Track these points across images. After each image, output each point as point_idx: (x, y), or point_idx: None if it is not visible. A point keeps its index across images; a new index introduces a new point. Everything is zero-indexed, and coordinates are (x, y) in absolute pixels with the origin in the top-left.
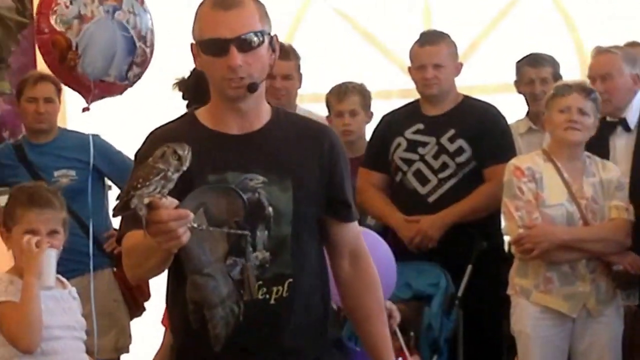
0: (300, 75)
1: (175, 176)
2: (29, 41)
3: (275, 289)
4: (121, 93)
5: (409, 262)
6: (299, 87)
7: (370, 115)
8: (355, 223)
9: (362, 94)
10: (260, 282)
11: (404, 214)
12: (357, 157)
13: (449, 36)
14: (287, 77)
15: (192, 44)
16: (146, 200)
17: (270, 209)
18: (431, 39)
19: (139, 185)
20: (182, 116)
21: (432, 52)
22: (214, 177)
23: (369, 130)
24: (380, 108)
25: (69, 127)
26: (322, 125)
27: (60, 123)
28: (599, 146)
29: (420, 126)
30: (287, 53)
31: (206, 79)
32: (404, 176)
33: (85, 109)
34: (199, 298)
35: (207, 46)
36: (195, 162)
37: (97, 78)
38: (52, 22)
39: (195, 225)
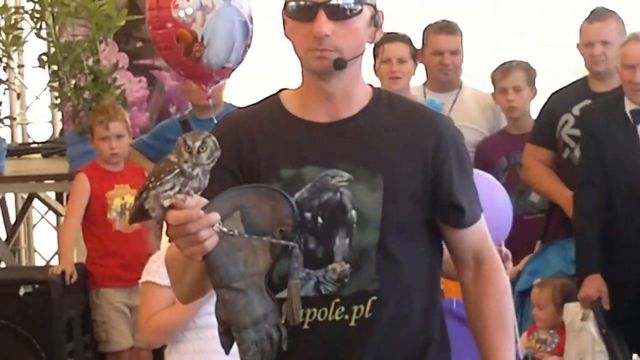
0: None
1: (198, 171)
2: None
3: (356, 308)
4: (230, 75)
5: None
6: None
7: (535, 92)
8: (477, 226)
9: (526, 70)
10: (338, 300)
11: (570, 190)
12: (522, 134)
13: (617, 13)
14: (455, 52)
15: (282, 10)
16: (166, 202)
17: (354, 212)
18: (600, 15)
19: (150, 185)
20: (266, 98)
21: (600, 28)
22: (289, 172)
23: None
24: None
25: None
26: (432, 113)
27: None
28: None
29: (588, 102)
30: (453, 28)
31: None
32: (571, 153)
33: (209, 97)
34: (226, 317)
35: (293, 9)
36: (269, 153)
37: (220, 66)
38: (176, 16)
39: (224, 229)
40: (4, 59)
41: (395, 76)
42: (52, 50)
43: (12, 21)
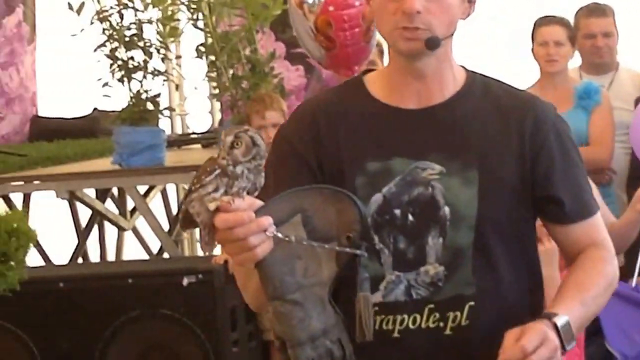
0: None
1: (242, 169)
2: None
3: (452, 314)
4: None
5: None
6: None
7: None
8: (588, 223)
9: None
10: (432, 306)
11: None
12: None
13: None
14: (607, 34)
15: None
16: (211, 205)
17: (447, 209)
18: None
19: (193, 188)
20: (348, 81)
21: None
22: (375, 165)
23: None
24: None
25: None
26: (530, 97)
27: None
28: None
29: None
30: (604, 10)
31: None
32: None
33: None
34: (281, 331)
35: None
36: (353, 143)
37: (372, 48)
38: None
39: (279, 235)
40: (162, 51)
41: (552, 59)
42: (210, 40)
43: (169, 13)
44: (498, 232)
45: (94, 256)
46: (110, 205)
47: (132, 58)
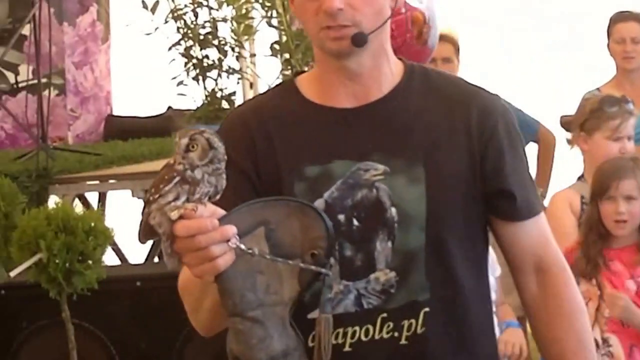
0: None
1: (201, 174)
2: None
3: (406, 323)
4: None
5: None
6: None
7: None
8: (535, 222)
9: None
10: (385, 315)
11: None
12: None
13: None
14: None
15: None
16: (174, 214)
17: (394, 210)
18: None
19: (151, 198)
20: (279, 85)
21: None
22: (314, 169)
23: None
24: None
25: None
26: (474, 87)
27: None
28: None
29: None
30: None
31: None
32: None
33: None
34: (238, 351)
35: None
36: (289, 148)
37: (434, 47)
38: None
39: (242, 247)
40: (236, 49)
41: (629, 56)
42: (284, 38)
43: (243, 11)
44: (451, 231)
45: None
46: None
47: (206, 56)
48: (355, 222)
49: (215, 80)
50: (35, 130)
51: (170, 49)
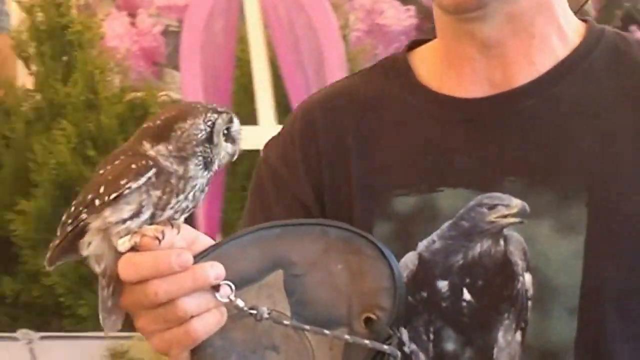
0: None
1: (193, 170)
2: None
3: None
4: None
5: None
6: None
7: None
8: None
9: None
10: None
11: None
12: None
13: None
14: None
15: None
16: (122, 243)
17: (528, 278)
18: None
19: (97, 201)
20: (383, 61)
21: None
22: (408, 202)
23: None
24: None
25: None
26: None
27: None
28: None
29: None
30: None
31: None
32: None
33: None
34: None
35: None
36: (373, 165)
37: None
38: None
39: (240, 303)
40: None
41: None
42: None
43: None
44: (621, 317)
45: None
46: None
47: None
48: (467, 296)
49: None
50: None
51: None
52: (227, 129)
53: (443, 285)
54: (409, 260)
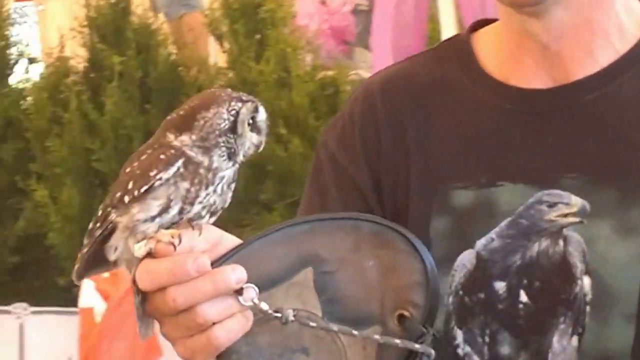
0: None
1: (218, 161)
2: None
3: None
4: None
5: None
6: None
7: None
8: None
9: None
10: None
11: None
12: None
13: None
14: None
15: None
16: (139, 248)
17: (587, 281)
18: None
19: (125, 198)
20: (446, 42)
21: None
22: (468, 196)
23: None
24: None
25: None
26: None
27: None
28: None
29: None
30: None
31: None
32: None
33: None
34: None
35: None
36: (432, 157)
37: None
38: None
39: (264, 306)
40: None
41: None
42: None
43: None
44: None
45: None
46: None
47: None
48: (523, 298)
49: None
50: None
51: None
52: (253, 118)
53: (500, 286)
54: (467, 259)
